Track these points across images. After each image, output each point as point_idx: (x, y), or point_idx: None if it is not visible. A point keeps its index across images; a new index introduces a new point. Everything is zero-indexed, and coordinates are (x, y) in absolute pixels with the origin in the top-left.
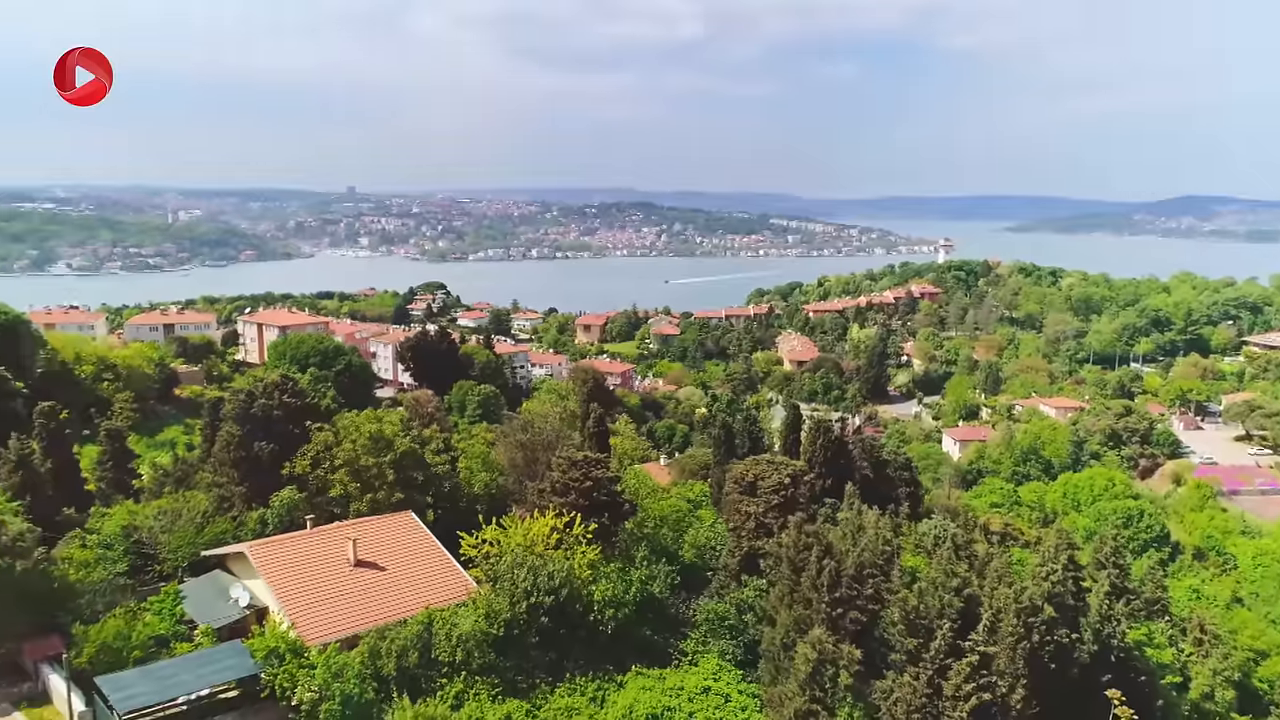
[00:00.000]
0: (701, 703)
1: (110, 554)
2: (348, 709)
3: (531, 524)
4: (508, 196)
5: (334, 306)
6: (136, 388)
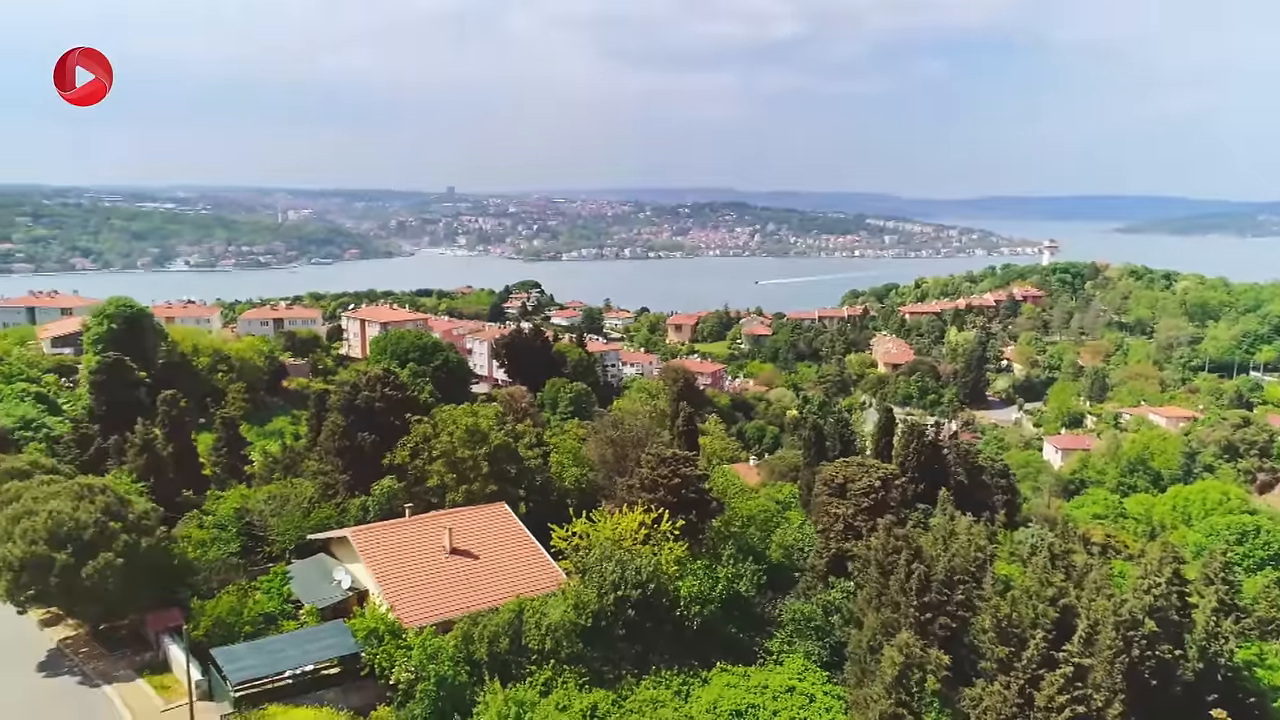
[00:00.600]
0: (786, 701)
1: (224, 535)
2: (441, 690)
3: (620, 519)
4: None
5: (432, 304)
6: (248, 379)
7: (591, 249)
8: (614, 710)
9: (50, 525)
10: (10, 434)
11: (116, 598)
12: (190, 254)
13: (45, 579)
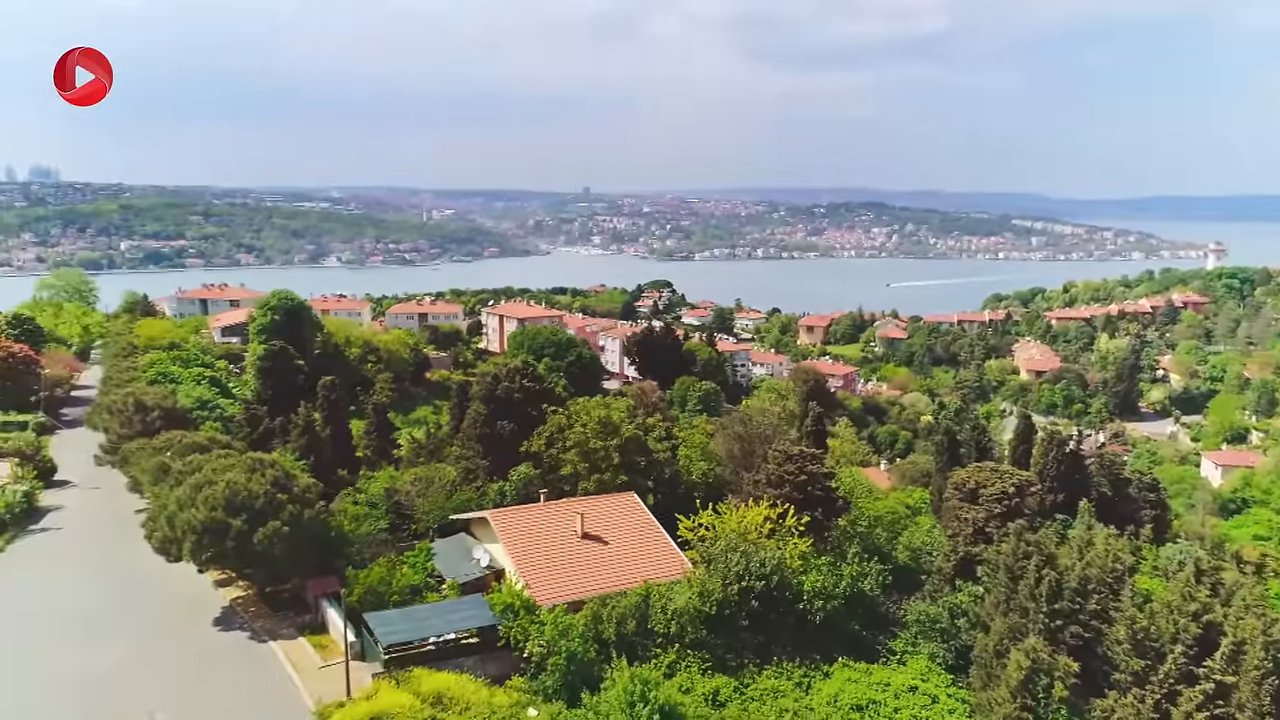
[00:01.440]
0: (908, 700)
1: (375, 512)
2: (571, 664)
3: (746, 512)
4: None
5: (567, 301)
6: (395, 369)
7: (724, 249)
8: (735, 697)
9: (227, 494)
10: (189, 413)
11: (282, 563)
12: (342, 251)
13: (222, 543)
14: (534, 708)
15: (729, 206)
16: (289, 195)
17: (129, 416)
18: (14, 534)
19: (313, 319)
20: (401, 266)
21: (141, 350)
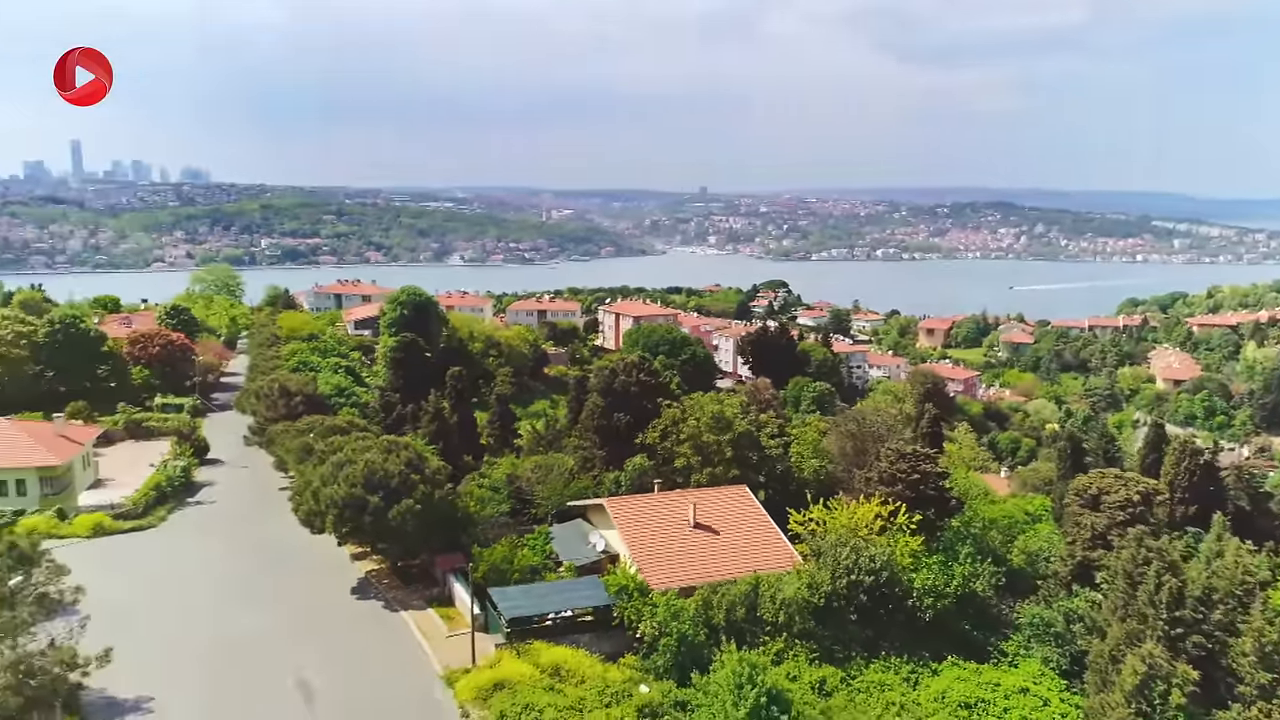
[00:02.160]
0: (1018, 701)
1: (497, 496)
2: (682, 646)
3: (857, 508)
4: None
5: (681, 301)
6: (515, 364)
7: (842, 249)
8: (842, 687)
9: (366, 472)
10: (328, 399)
11: (413, 539)
12: (465, 250)
13: (361, 517)
14: (645, 685)
15: (848, 206)
16: (416, 195)
17: (275, 401)
18: (174, 505)
19: (439, 314)
20: (521, 265)
21: (283, 340)
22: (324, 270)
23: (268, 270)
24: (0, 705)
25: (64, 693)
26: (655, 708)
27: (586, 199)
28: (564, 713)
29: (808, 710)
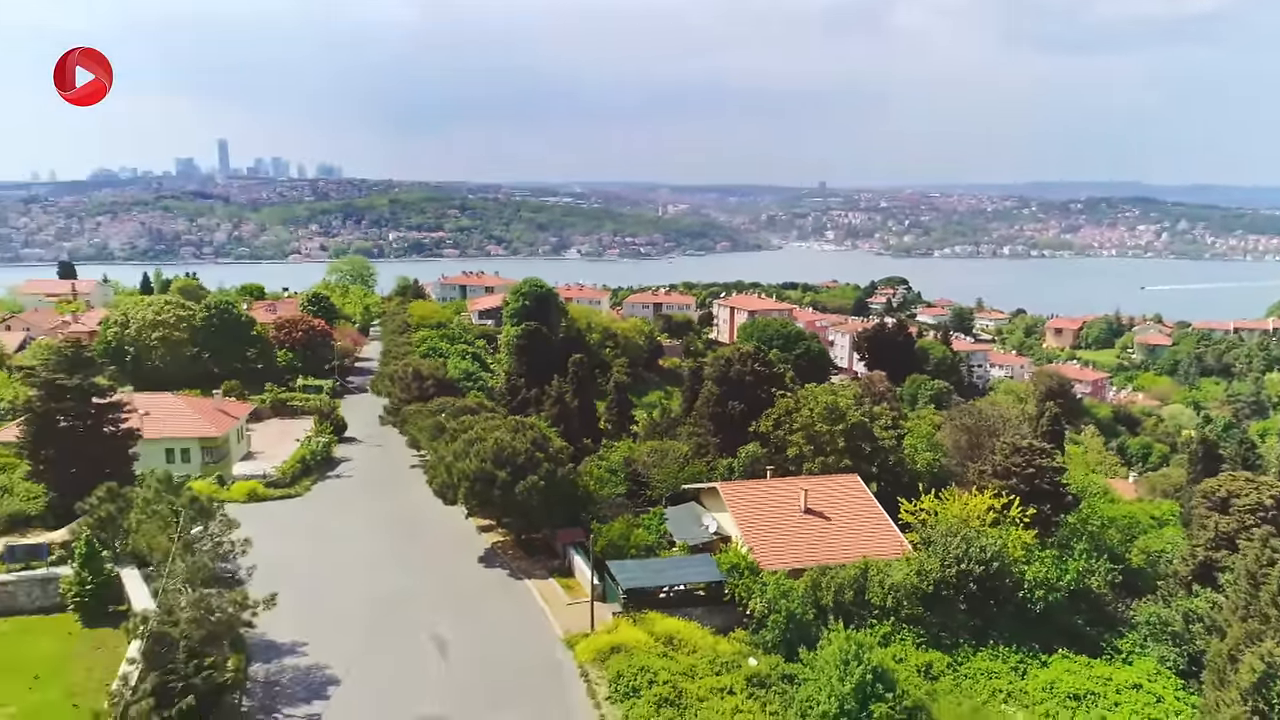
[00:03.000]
0: (1130, 696)
1: (615, 478)
2: (790, 623)
3: (969, 500)
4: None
5: (797, 296)
6: (631, 355)
7: (966, 245)
8: (948, 672)
9: (495, 449)
10: (457, 383)
11: (537, 513)
12: (582, 244)
13: (490, 491)
14: (754, 658)
15: (974, 202)
16: (535, 190)
17: (408, 383)
18: (316, 477)
19: (559, 305)
20: (636, 259)
21: (414, 328)
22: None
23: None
24: (186, 635)
25: (235, 631)
26: (763, 678)
27: (703, 194)
28: (676, 677)
29: (913, 690)
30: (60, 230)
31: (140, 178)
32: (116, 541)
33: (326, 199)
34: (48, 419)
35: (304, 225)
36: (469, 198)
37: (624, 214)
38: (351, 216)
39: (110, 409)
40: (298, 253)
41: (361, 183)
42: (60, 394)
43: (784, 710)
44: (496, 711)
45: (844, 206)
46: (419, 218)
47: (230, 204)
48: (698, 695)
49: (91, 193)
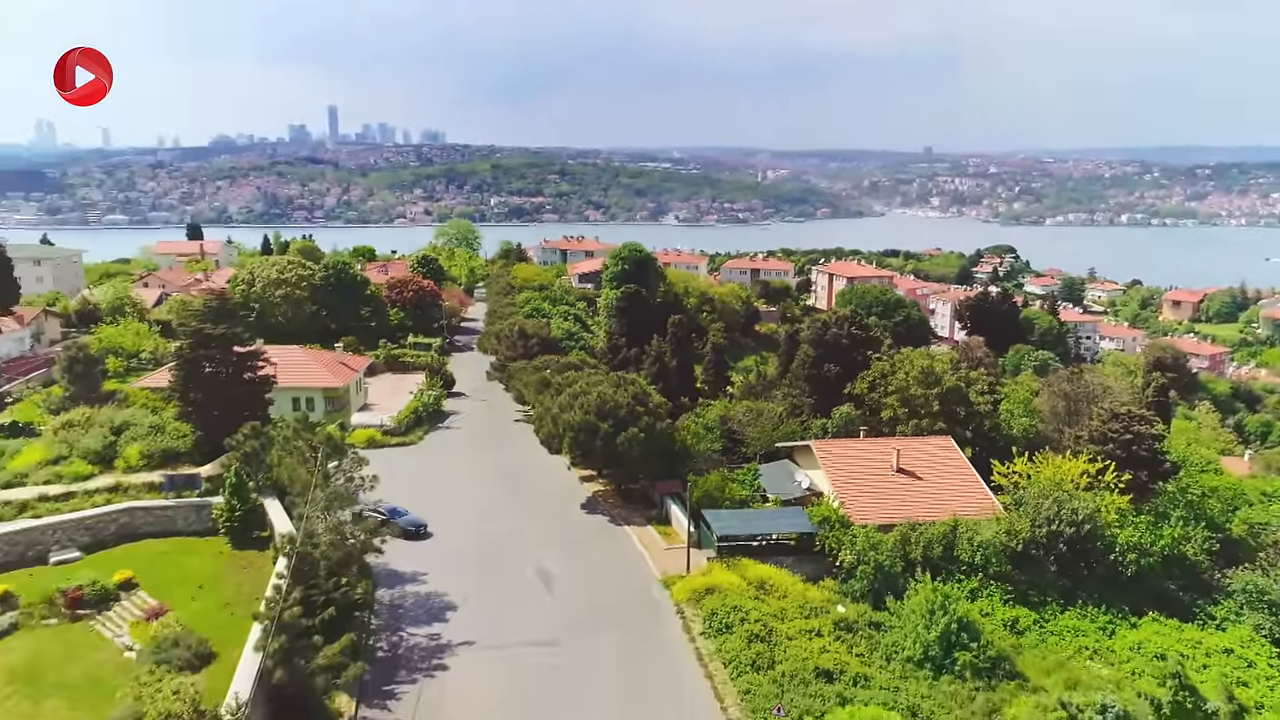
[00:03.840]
0: (1220, 660)
1: (710, 434)
2: (879, 574)
3: (1063, 463)
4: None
5: (898, 264)
6: (727, 320)
7: (1080, 213)
8: (1034, 628)
9: (598, 402)
10: (560, 342)
11: (636, 464)
12: (680, 209)
13: (593, 441)
14: (842, 605)
15: (1090, 167)
16: (634, 156)
17: (514, 342)
18: (428, 428)
19: (657, 269)
20: (734, 225)
21: (517, 289)
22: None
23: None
24: (326, 556)
25: (366, 555)
26: (850, 624)
27: (803, 159)
28: (766, 617)
29: (998, 642)
30: (184, 194)
31: (256, 144)
32: (259, 474)
33: (430, 164)
34: (195, 365)
35: (409, 190)
36: (568, 163)
37: (723, 179)
38: (454, 181)
39: (249, 357)
40: (403, 217)
41: (464, 148)
42: (207, 342)
43: (870, 653)
44: (600, 638)
45: (951, 172)
46: (519, 183)
47: (340, 169)
48: (786, 635)
49: (212, 158)
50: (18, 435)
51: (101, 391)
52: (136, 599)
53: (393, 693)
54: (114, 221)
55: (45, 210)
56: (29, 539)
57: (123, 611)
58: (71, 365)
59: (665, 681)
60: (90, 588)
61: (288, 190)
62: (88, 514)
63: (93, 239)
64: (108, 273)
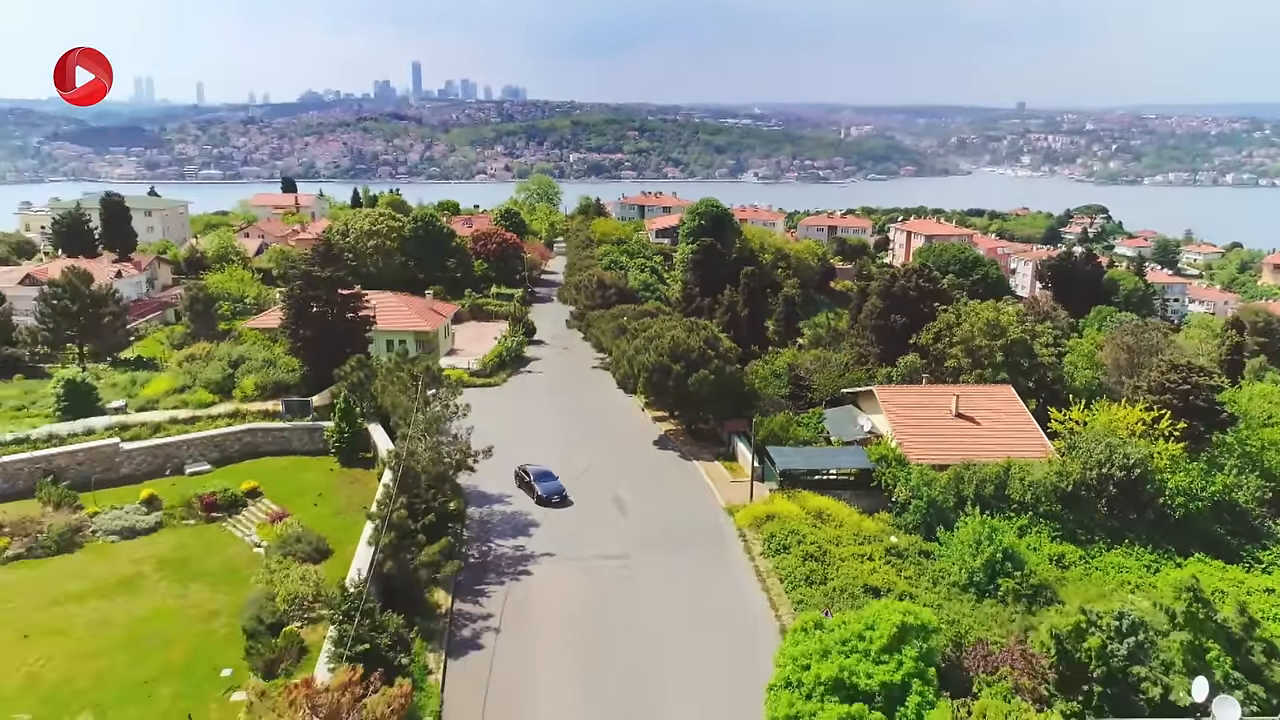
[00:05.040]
0: (1260, 599)
1: (778, 380)
2: (931, 508)
3: (1119, 411)
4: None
5: (982, 224)
6: (802, 276)
7: (1182, 172)
8: (1079, 564)
9: (671, 345)
10: (636, 293)
11: (706, 404)
12: (759, 167)
13: (665, 382)
14: (895, 535)
15: (1195, 123)
16: (714, 112)
17: (593, 292)
18: (511, 372)
19: (734, 225)
20: (814, 183)
21: (596, 243)
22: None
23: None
24: (425, 470)
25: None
26: (901, 551)
27: (889, 115)
28: (822, 541)
29: (1042, 573)
30: (273, 150)
31: (343, 100)
32: (364, 402)
33: (511, 120)
34: (304, 305)
35: (490, 146)
36: (648, 119)
37: (804, 136)
38: (534, 138)
39: (352, 298)
40: (483, 173)
41: (544, 104)
42: (315, 284)
43: (917, 577)
44: (668, 556)
45: (1044, 129)
46: (599, 139)
47: (422, 125)
48: (839, 557)
49: (300, 114)
50: (142, 368)
51: (218, 330)
52: (261, 505)
53: (483, 591)
54: (209, 176)
55: (145, 165)
56: (167, 453)
57: (250, 515)
58: (193, 304)
59: (726, 593)
60: (222, 494)
61: (372, 146)
62: (216, 433)
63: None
64: (210, 224)
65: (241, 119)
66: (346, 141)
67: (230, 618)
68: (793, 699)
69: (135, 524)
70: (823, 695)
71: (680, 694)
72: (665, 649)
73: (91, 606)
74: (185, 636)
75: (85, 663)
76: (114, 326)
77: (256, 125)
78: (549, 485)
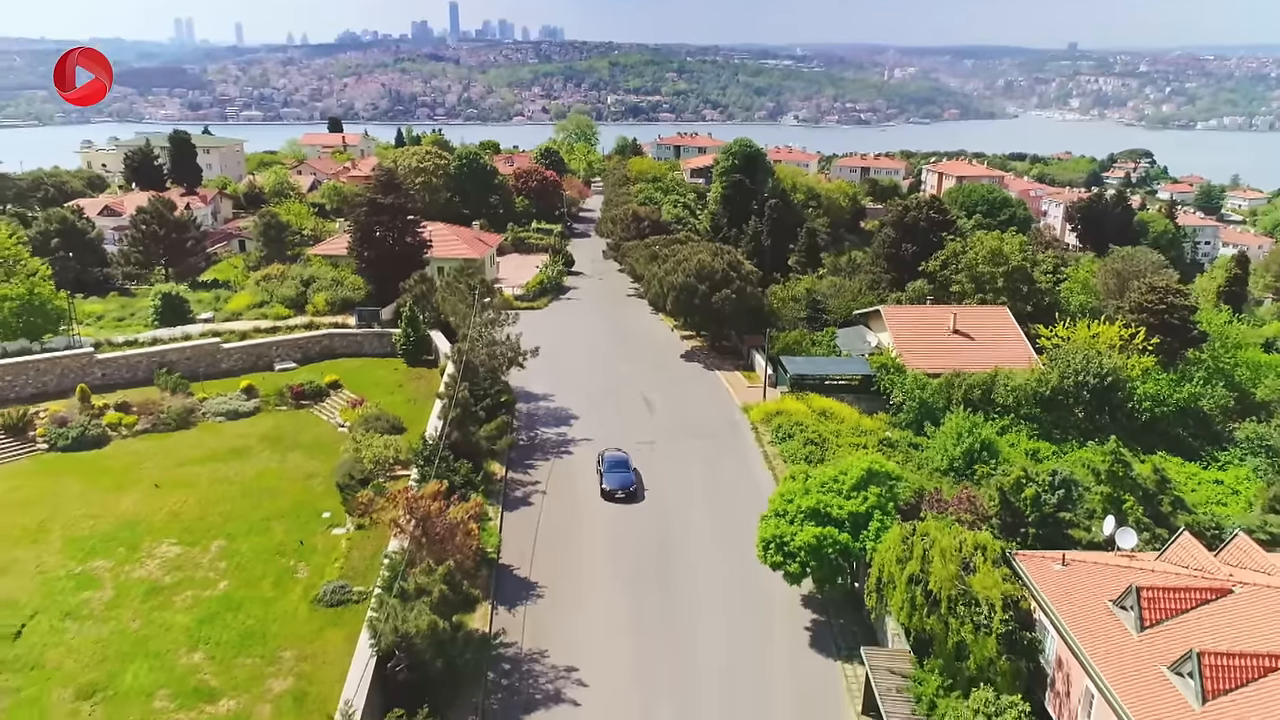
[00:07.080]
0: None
1: (797, 304)
2: (922, 408)
3: (1098, 327)
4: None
5: (1023, 168)
6: (833, 215)
7: (1238, 116)
8: (1051, 458)
9: (697, 267)
10: (669, 225)
11: (729, 321)
12: (800, 109)
13: (691, 300)
14: (890, 431)
15: (1255, 64)
16: (754, 53)
17: (628, 224)
18: (552, 298)
19: (766, 165)
20: (855, 126)
21: (632, 181)
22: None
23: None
24: (483, 363)
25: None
26: (893, 442)
27: (934, 56)
28: (823, 432)
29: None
30: (313, 91)
31: (380, 40)
32: (426, 312)
33: (549, 61)
34: (369, 229)
35: (527, 88)
36: (687, 60)
37: (846, 78)
38: (572, 79)
39: (412, 224)
40: (521, 115)
41: (582, 44)
42: (379, 210)
43: (905, 463)
44: (689, 442)
45: (1095, 70)
46: (636, 80)
47: (460, 66)
48: (837, 444)
49: (337, 54)
50: (218, 289)
51: (288, 254)
52: (342, 394)
53: (532, 464)
54: (249, 117)
55: (187, 106)
56: (259, 352)
57: (332, 402)
58: (266, 230)
59: (737, 469)
60: (308, 385)
61: (410, 87)
62: (299, 336)
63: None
64: (263, 161)
65: (280, 60)
66: (385, 83)
67: (325, 478)
68: (779, 524)
69: (238, 408)
70: (802, 521)
71: (698, 531)
72: (685, 504)
73: (211, 468)
74: (289, 490)
75: (212, 506)
76: (194, 250)
77: (295, 66)
78: (616, 477)
